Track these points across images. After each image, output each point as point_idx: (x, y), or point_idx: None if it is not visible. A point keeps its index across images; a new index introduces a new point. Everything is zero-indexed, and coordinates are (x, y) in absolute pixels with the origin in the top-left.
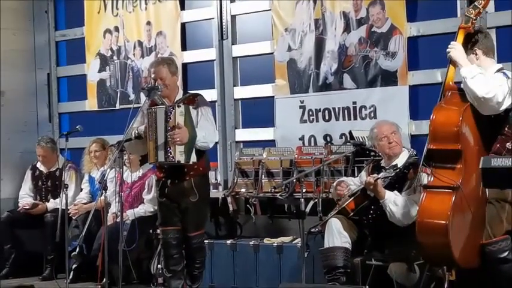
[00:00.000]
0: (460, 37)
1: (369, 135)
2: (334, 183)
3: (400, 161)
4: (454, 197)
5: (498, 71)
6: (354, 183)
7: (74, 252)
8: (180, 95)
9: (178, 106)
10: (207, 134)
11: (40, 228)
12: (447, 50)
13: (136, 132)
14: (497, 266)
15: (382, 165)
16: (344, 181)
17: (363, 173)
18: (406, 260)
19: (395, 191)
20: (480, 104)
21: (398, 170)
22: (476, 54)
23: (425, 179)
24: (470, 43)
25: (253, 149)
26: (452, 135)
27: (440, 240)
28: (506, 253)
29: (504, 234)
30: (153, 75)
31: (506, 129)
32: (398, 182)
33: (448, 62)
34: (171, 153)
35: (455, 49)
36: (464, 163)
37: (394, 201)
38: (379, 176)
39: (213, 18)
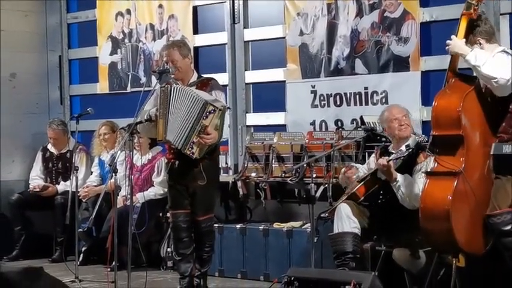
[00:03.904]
0: (463, 24)
1: (379, 118)
2: (344, 169)
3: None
4: (456, 183)
5: (501, 52)
6: (362, 171)
7: (80, 230)
8: (194, 78)
9: (220, 109)
10: None
11: (50, 210)
12: (446, 48)
13: (148, 115)
14: (500, 238)
15: (390, 150)
16: (354, 166)
17: (372, 159)
18: (409, 245)
19: (406, 174)
20: (498, 86)
21: (410, 150)
22: (480, 44)
23: (430, 165)
24: (471, 33)
25: (264, 134)
26: (453, 121)
27: (443, 225)
28: (509, 226)
29: (510, 207)
30: (164, 58)
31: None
32: (407, 166)
33: (449, 64)
34: (192, 147)
35: (452, 44)
36: (467, 148)
37: (405, 184)
38: (391, 158)
39: (225, 2)
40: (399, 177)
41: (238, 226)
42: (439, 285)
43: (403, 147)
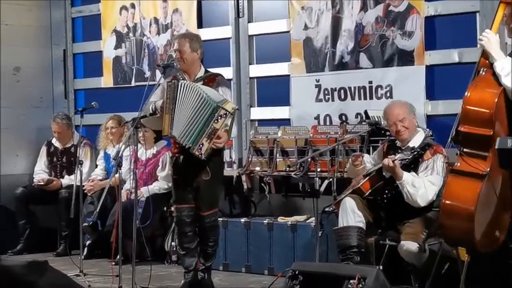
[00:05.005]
0: (500, 12)
1: (382, 114)
2: (351, 158)
3: (416, 141)
4: (482, 185)
5: None
6: (369, 160)
7: (85, 224)
8: (201, 73)
9: (232, 114)
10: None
11: (55, 204)
12: (479, 37)
13: (154, 106)
14: None
15: (398, 145)
16: (361, 155)
17: (376, 154)
18: (415, 239)
19: (413, 172)
20: None
21: (415, 153)
22: None
23: (438, 163)
24: None
25: (268, 128)
26: (485, 120)
27: (465, 225)
28: None
29: None
30: (174, 46)
31: None
32: (413, 163)
33: (481, 52)
34: (201, 149)
35: (489, 39)
36: (494, 149)
37: (411, 183)
38: (396, 158)
39: None
40: (405, 175)
41: (242, 220)
42: (442, 280)
43: (410, 144)
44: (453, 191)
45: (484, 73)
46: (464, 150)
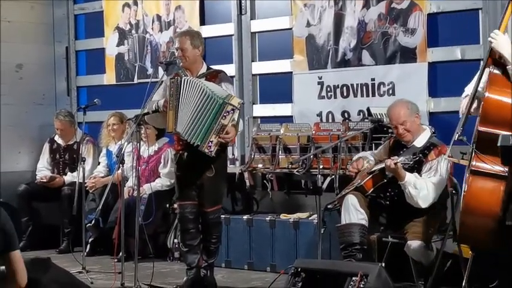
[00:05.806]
0: (509, 11)
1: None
2: (353, 159)
3: (421, 141)
4: (504, 185)
5: None
6: (373, 157)
7: (89, 224)
8: (203, 69)
9: (238, 109)
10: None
11: (57, 201)
12: (489, 39)
13: (157, 105)
14: None
15: (403, 142)
16: (361, 158)
17: (382, 148)
18: (422, 238)
19: (416, 173)
20: None
21: (417, 158)
22: None
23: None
24: None
25: (270, 125)
26: (505, 120)
27: (487, 224)
28: None
29: None
30: (176, 45)
31: None
32: (416, 163)
33: (488, 51)
34: (210, 146)
35: (498, 40)
36: None
37: (413, 184)
38: (398, 160)
39: None
40: (407, 176)
41: (245, 217)
42: (445, 276)
43: (415, 143)
44: (475, 191)
45: (494, 70)
46: (481, 149)
